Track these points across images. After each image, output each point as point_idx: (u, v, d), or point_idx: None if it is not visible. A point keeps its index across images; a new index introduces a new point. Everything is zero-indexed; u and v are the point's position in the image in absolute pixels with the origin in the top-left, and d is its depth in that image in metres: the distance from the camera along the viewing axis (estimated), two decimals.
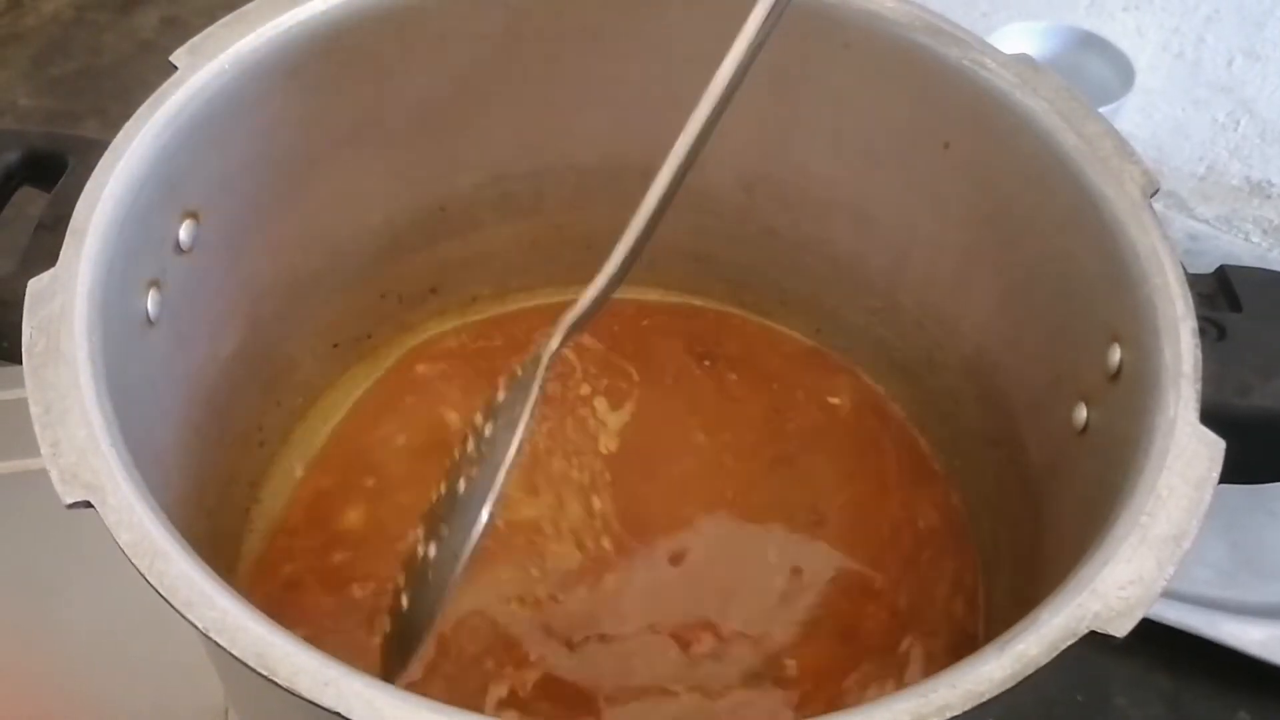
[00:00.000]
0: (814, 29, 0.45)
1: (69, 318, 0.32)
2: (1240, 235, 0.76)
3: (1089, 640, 0.28)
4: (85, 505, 0.29)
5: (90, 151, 0.37)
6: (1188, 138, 0.77)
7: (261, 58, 0.41)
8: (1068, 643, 0.28)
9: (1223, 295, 0.39)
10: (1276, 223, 0.76)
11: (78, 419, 0.30)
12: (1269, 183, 0.76)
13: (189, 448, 0.41)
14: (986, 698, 0.27)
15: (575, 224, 0.54)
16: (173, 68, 0.39)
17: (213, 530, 0.44)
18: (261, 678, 0.26)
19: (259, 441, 0.49)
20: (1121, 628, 0.28)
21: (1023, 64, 0.42)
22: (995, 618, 0.45)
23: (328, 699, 0.26)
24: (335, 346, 0.52)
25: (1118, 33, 0.75)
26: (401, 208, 0.50)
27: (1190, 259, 0.37)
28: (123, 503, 0.29)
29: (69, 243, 0.34)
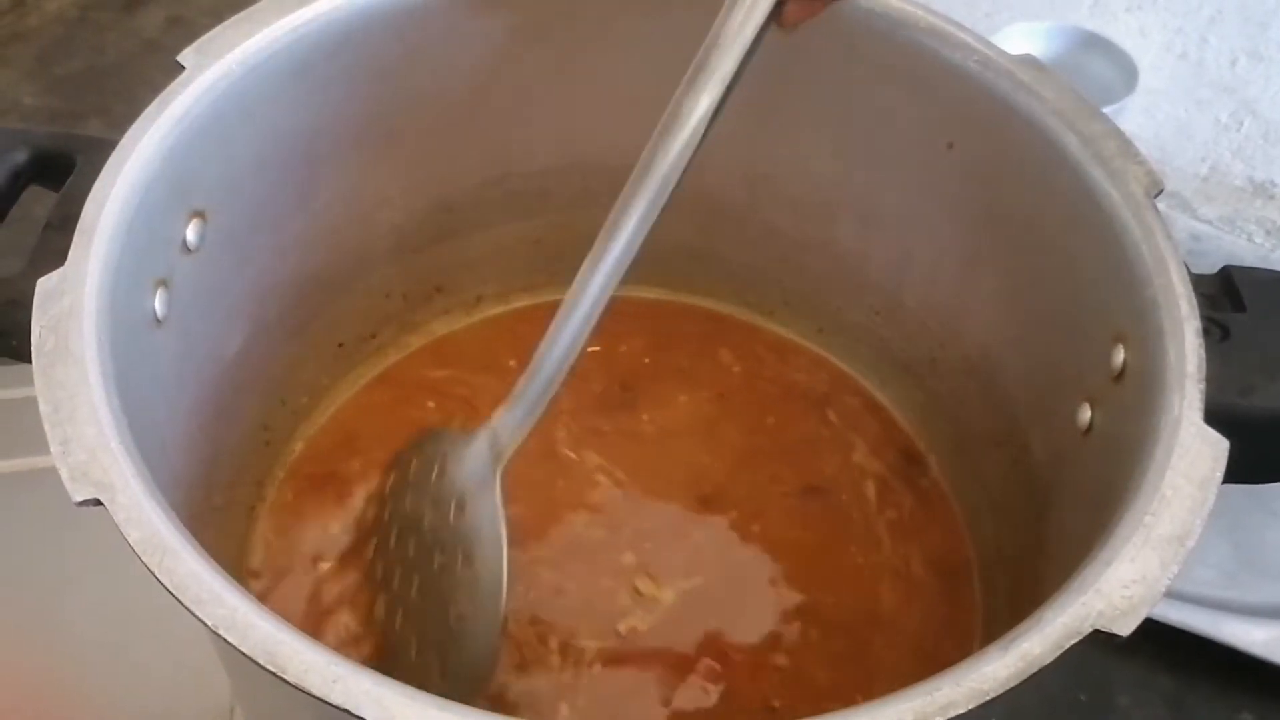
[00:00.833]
0: (817, 29, 0.45)
1: (78, 317, 0.33)
2: (1243, 236, 0.76)
3: (1092, 640, 0.28)
4: (95, 503, 0.29)
5: (98, 151, 0.37)
6: (1191, 138, 0.77)
7: (268, 58, 0.41)
8: (1071, 642, 0.28)
9: (1226, 296, 0.39)
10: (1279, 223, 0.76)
11: (87, 417, 0.30)
12: (1272, 183, 0.76)
13: (196, 446, 0.41)
14: (990, 696, 0.27)
15: (580, 223, 0.54)
16: (180, 67, 0.39)
17: (219, 528, 0.44)
18: (270, 675, 0.26)
19: (265, 440, 0.49)
20: (1125, 627, 0.28)
21: (1026, 64, 0.42)
22: (998, 617, 0.45)
23: (336, 696, 0.26)
24: (341, 346, 0.52)
25: (1121, 33, 0.75)
26: (407, 207, 0.50)
27: (1193, 259, 0.37)
28: (132, 500, 0.29)
29: (77, 242, 0.34)
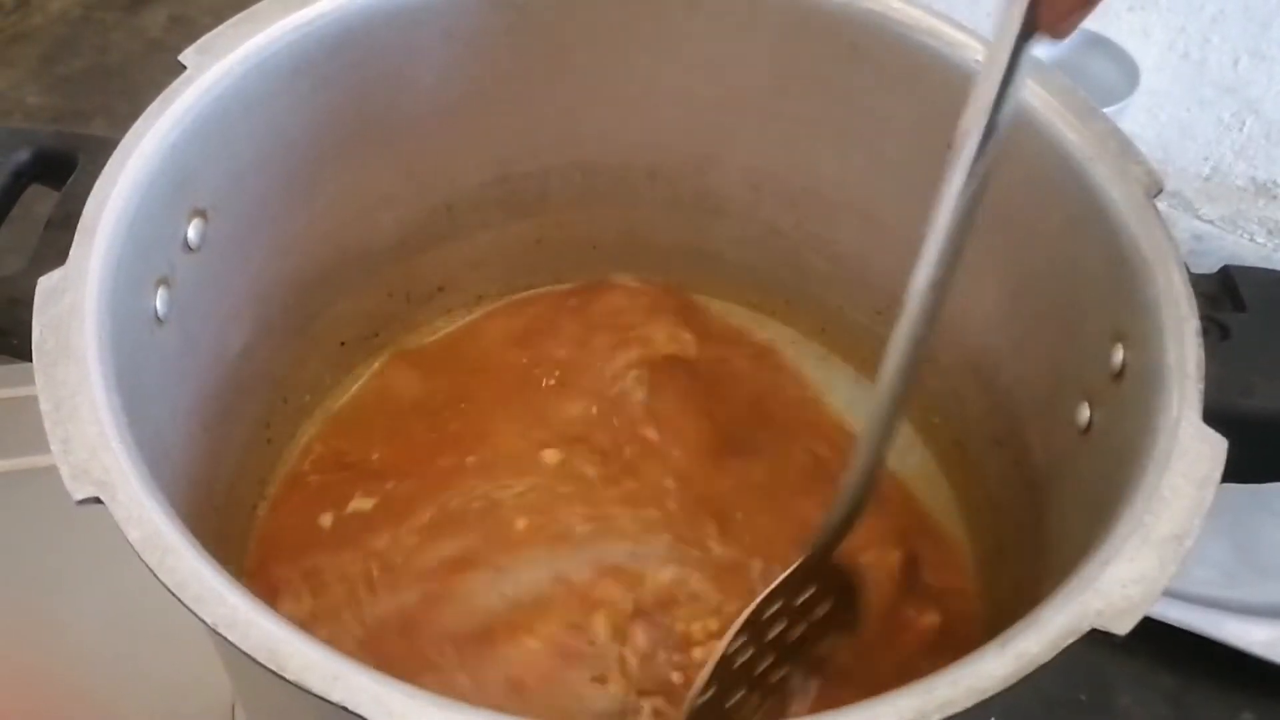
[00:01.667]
0: (821, 30, 0.45)
1: (79, 315, 0.33)
2: (1245, 236, 0.76)
3: (1092, 639, 0.28)
4: (95, 502, 0.29)
5: (100, 150, 0.37)
6: (1193, 138, 0.77)
7: (270, 57, 0.41)
8: (1070, 640, 0.28)
9: (1226, 295, 0.39)
10: None
11: (88, 416, 0.31)
12: (1274, 183, 0.76)
13: (197, 445, 0.41)
14: (989, 694, 0.27)
15: (581, 223, 0.54)
16: (181, 67, 0.39)
17: (220, 527, 0.44)
18: (271, 673, 0.26)
19: (266, 439, 0.49)
20: (1124, 626, 0.28)
21: (1027, 64, 0.41)
22: (998, 616, 0.45)
23: (336, 694, 0.26)
24: (342, 345, 0.52)
25: (1123, 33, 0.75)
26: (409, 207, 0.50)
27: (1194, 259, 0.37)
28: (132, 499, 0.29)
29: (79, 241, 0.34)
